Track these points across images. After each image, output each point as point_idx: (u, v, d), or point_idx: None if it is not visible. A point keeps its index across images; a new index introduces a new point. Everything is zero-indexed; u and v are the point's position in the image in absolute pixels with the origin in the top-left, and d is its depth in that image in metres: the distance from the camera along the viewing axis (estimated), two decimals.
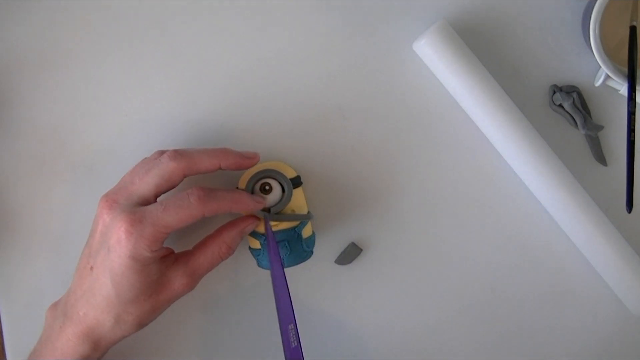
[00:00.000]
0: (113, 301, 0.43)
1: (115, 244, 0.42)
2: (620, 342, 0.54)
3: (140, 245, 0.41)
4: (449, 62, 0.49)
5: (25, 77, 0.51)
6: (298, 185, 0.49)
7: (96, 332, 0.44)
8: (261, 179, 0.48)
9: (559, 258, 0.53)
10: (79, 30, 0.51)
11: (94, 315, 0.44)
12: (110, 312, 0.44)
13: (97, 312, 0.44)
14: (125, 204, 0.43)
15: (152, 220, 0.42)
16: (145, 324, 0.45)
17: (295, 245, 0.48)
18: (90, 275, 0.44)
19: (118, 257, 0.42)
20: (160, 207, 0.42)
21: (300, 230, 0.48)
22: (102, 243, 0.43)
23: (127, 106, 0.52)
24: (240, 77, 0.52)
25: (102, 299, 0.43)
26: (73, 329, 0.44)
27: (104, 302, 0.43)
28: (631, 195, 0.48)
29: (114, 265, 0.42)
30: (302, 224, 0.48)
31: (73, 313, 0.45)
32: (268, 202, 0.47)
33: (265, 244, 0.47)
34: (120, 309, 0.44)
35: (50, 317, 0.47)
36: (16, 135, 0.52)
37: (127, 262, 0.42)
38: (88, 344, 0.44)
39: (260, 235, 0.47)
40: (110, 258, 0.42)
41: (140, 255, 0.42)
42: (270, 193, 0.47)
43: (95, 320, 0.44)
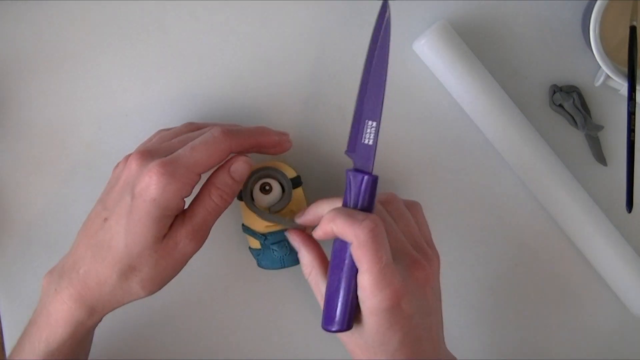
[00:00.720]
0: (121, 252, 0.41)
1: (142, 189, 0.40)
2: (620, 342, 0.54)
3: (170, 189, 0.40)
4: (449, 62, 0.49)
5: (25, 77, 0.51)
6: (298, 185, 0.49)
7: (95, 293, 0.42)
8: (261, 179, 0.48)
9: (559, 258, 0.53)
10: (79, 30, 0.51)
11: (96, 272, 0.41)
12: (114, 265, 0.41)
13: (100, 266, 0.41)
14: (158, 156, 0.41)
15: (184, 162, 0.41)
16: (149, 291, 0.43)
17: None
18: (101, 228, 0.42)
19: (143, 201, 0.40)
20: (187, 148, 0.41)
21: None
22: (123, 192, 0.41)
23: (127, 106, 0.52)
24: (240, 77, 0.52)
25: (109, 251, 0.41)
26: (69, 291, 0.42)
27: (110, 254, 0.41)
28: (631, 195, 0.48)
29: (133, 210, 0.40)
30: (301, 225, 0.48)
31: (72, 272, 0.42)
32: (267, 202, 0.47)
33: (265, 244, 0.47)
34: (126, 264, 0.41)
35: (46, 283, 0.44)
36: (16, 136, 0.52)
37: (148, 206, 0.40)
38: (85, 307, 0.42)
39: (260, 235, 0.47)
40: (133, 204, 0.40)
41: (167, 200, 0.40)
42: (270, 193, 0.47)
43: (97, 278, 0.41)
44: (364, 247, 0.38)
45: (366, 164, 0.42)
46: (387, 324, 0.39)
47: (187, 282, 0.51)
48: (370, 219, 0.39)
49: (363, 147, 0.42)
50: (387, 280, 0.38)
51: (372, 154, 0.42)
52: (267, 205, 0.47)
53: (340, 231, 0.39)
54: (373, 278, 0.38)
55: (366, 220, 0.38)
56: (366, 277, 0.38)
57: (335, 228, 0.40)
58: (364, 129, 0.42)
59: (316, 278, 0.44)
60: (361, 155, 0.42)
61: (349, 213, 0.40)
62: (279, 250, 0.47)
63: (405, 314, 0.39)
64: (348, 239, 0.39)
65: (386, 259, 0.38)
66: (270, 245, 0.47)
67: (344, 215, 0.39)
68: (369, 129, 0.42)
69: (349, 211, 0.40)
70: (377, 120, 0.41)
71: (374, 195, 0.41)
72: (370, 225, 0.38)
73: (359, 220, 0.39)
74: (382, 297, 0.38)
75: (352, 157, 0.42)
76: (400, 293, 0.38)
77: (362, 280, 0.39)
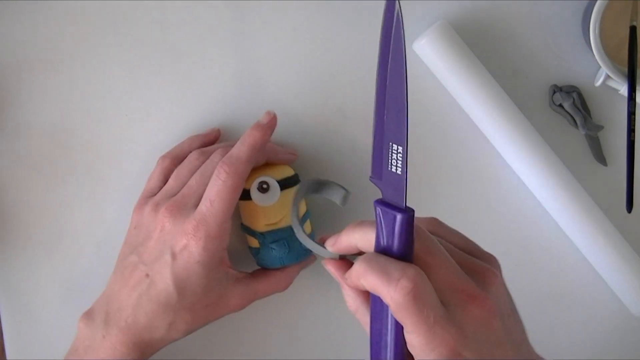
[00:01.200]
0: (173, 307, 0.43)
1: (183, 250, 0.43)
2: (620, 342, 0.54)
3: (210, 247, 0.42)
4: (449, 62, 0.49)
5: (25, 77, 0.51)
6: (296, 183, 0.49)
7: (146, 339, 0.44)
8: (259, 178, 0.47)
9: (559, 258, 0.53)
10: (79, 30, 0.51)
11: (147, 322, 0.43)
12: (165, 318, 0.43)
13: (150, 319, 0.43)
14: (185, 209, 0.44)
15: (211, 219, 0.42)
16: (191, 332, 0.45)
17: (294, 243, 0.48)
18: (143, 281, 0.44)
19: (186, 262, 0.42)
20: (206, 203, 0.43)
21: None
22: (163, 250, 0.43)
23: (127, 106, 0.52)
24: (241, 77, 0.52)
25: (160, 306, 0.43)
26: (120, 338, 0.44)
27: (161, 309, 0.43)
28: (631, 195, 0.48)
29: (178, 270, 0.43)
30: (302, 221, 0.48)
31: (119, 320, 0.44)
32: (264, 201, 0.47)
33: (264, 243, 0.47)
34: (177, 316, 0.43)
35: (85, 327, 0.45)
36: (16, 136, 0.52)
37: (193, 267, 0.42)
38: (136, 351, 0.44)
39: (259, 234, 0.47)
40: (177, 264, 0.43)
41: (210, 258, 0.43)
42: (267, 192, 0.47)
43: (148, 327, 0.44)
44: (404, 310, 0.33)
45: (397, 196, 0.35)
46: None
47: None
48: (408, 277, 0.33)
49: (391, 175, 0.35)
50: (438, 339, 0.33)
51: (403, 185, 0.34)
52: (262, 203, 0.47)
53: (374, 289, 0.34)
54: (421, 338, 0.33)
55: (403, 279, 0.33)
56: (413, 337, 0.33)
57: (367, 285, 0.34)
58: (389, 154, 0.35)
59: (364, 317, 0.38)
60: (390, 185, 0.35)
61: (381, 267, 0.34)
62: (278, 249, 0.47)
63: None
64: (384, 300, 0.34)
65: (434, 316, 0.33)
66: (270, 245, 0.47)
67: (376, 271, 0.34)
68: (394, 154, 0.35)
69: (381, 264, 0.34)
70: (404, 145, 0.34)
71: (412, 235, 0.34)
72: (408, 287, 0.32)
73: (394, 279, 0.33)
74: (437, 354, 0.33)
75: (379, 185, 0.36)
76: (457, 346, 0.33)
77: (410, 339, 0.34)
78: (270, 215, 0.47)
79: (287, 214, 0.47)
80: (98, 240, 0.52)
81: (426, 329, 0.33)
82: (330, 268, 0.39)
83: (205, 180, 0.44)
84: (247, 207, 0.48)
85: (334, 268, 0.38)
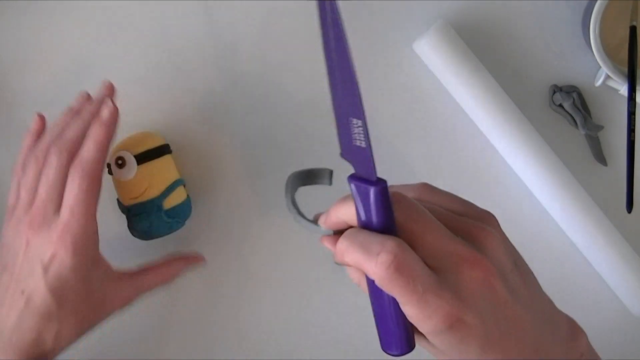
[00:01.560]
0: (55, 317, 0.42)
1: (51, 259, 0.42)
2: (620, 342, 0.54)
3: (80, 250, 0.42)
4: (449, 62, 0.49)
5: (25, 77, 0.51)
6: (163, 154, 0.49)
7: (37, 353, 0.43)
8: (117, 153, 0.47)
9: (559, 258, 0.53)
10: (79, 30, 0.51)
11: (33, 337, 0.43)
12: (51, 329, 0.43)
13: (36, 333, 0.43)
14: (45, 219, 0.43)
15: (75, 224, 0.42)
16: (84, 334, 0.45)
17: (157, 217, 0.48)
18: (20, 299, 0.43)
19: (58, 271, 0.42)
20: (67, 210, 0.42)
21: (161, 201, 0.48)
22: (32, 264, 0.43)
23: (127, 106, 0.52)
24: (241, 78, 0.52)
25: (42, 318, 0.42)
26: (11, 357, 0.42)
27: (44, 321, 0.42)
28: (631, 195, 0.48)
29: (53, 281, 0.42)
30: (164, 194, 0.48)
31: (5, 341, 0.43)
32: (122, 175, 0.47)
33: (129, 216, 0.48)
34: (62, 324, 0.43)
35: None
36: (16, 135, 0.52)
37: (68, 274, 0.42)
38: None
39: (124, 208, 0.48)
40: (49, 275, 0.42)
41: (84, 260, 0.42)
42: (124, 167, 0.47)
43: (36, 341, 0.43)
44: (389, 284, 0.32)
45: (367, 170, 0.34)
46: (455, 340, 0.33)
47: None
48: (387, 250, 0.32)
49: (357, 150, 0.34)
50: (432, 307, 0.32)
51: (369, 157, 0.34)
52: (121, 178, 0.47)
53: (358, 266, 0.33)
54: (415, 309, 0.32)
55: (382, 253, 0.32)
56: (407, 308, 0.33)
57: (350, 262, 0.34)
58: (351, 129, 0.35)
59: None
60: (358, 160, 0.35)
61: (361, 243, 0.33)
62: (142, 222, 0.48)
63: (472, 325, 0.33)
64: (369, 276, 0.33)
65: (422, 285, 0.32)
66: (133, 218, 0.48)
67: (356, 247, 0.33)
68: (356, 129, 0.34)
69: (360, 239, 0.33)
70: (362, 118, 0.34)
71: (388, 205, 0.34)
72: (388, 260, 0.32)
73: (374, 253, 0.32)
74: (435, 322, 0.32)
75: (349, 160, 0.36)
76: (454, 311, 0.32)
77: (405, 310, 0.33)
78: (132, 189, 0.48)
79: (150, 187, 0.48)
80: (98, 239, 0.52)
81: (417, 299, 0.32)
82: (326, 244, 0.37)
83: (53, 185, 0.43)
84: (114, 181, 0.48)
85: (329, 244, 0.37)
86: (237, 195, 0.52)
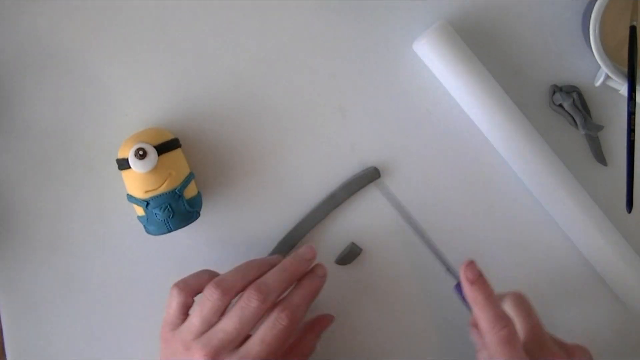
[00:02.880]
0: None
1: None
2: (620, 342, 0.54)
3: None
4: (449, 62, 0.49)
5: (25, 77, 0.51)
6: (176, 147, 0.49)
7: None
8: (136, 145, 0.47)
9: (559, 258, 0.53)
10: (79, 30, 0.51)
11: None
12: None
13: None
14: (225, 354, 0.44)
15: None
16: None
17: (178, 206, 0.48)
18: None
19: None
20: (261, 345, 0.44)
21: (181, 191, 0.48)
22: None
23: (127, 106, 0.52)
24: (241, 78, 0.52)
25: None
26: None
27: None
28: (631, 195, 0.48)
29: None
30: (183, 185, 0.48)
31: None
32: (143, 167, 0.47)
33: (148, 209, 0.48)
34: None
35: None
36: (16, 135, 0.52)
37: None
38: None
39: (142, 201, 0.48)
40: None
41: None
42: (145, 158, 0.47)
43: None
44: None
45: None
46: None
47: None
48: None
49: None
50: None
51: None
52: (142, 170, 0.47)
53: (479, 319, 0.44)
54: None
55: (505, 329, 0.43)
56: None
57: (477, 313, 0.44)
58: None
59: None
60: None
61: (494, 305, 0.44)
62: (162, 214, 0.48)
63: None
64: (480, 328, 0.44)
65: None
66: (152, 210, 0.48)
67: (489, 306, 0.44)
68: None
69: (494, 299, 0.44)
70: None
71: None
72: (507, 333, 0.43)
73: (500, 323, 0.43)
74: None
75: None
76: None
77: None
78: (151, 181, 0.47)
79: (171, 177, 0.48)
80: (98, 240, 0.53)
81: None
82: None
83: (246, 324, 0.44)
84: (129, 176, 0.48)
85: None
86: (244, 190, 0.52)
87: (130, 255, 0.53)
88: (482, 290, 0.44)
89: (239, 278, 0.46)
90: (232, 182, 0.52)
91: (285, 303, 0.45)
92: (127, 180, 0.49)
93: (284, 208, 0.53)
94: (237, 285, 0.46)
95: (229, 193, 0.53)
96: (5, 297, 0.52)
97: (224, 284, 0.45)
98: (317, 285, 0.48)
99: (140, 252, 0.53)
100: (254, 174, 0.52)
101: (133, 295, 0.53)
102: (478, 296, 0.44)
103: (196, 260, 0.53)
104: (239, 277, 0.46)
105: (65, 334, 0.53)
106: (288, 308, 0.45)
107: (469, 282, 0.45)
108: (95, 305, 0.53)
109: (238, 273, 0.46)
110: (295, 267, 0.47)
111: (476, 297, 0.44)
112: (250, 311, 0.44)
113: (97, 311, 0.53)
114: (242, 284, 0.46)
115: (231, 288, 0.45)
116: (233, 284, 0.46)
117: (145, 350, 0.53)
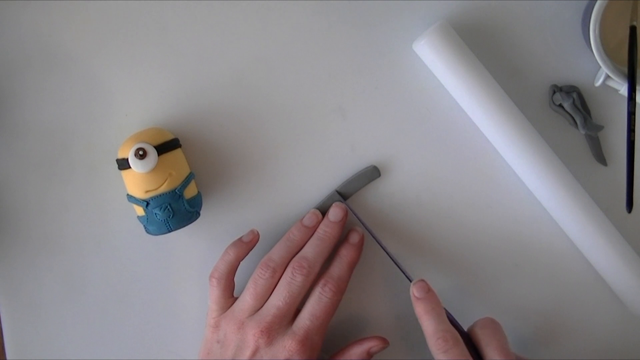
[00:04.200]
0: None
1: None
2: (620, 342, 0.54)
3: (313, 356, 0.47)
4: (449, 62, 0.49)
5: (25, 77, 0.51)
6: (176, 147, 0.49)
7: None
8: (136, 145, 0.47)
9: (559, 258, 0.53)
10: (79, 30, 0.51)
11: None
12: None
13: None
14: (281, 327, 0.47)
15: (315, 333, 0.47)
16: None
17: (178, 206, 0.48)
18: None
19: None
20: (311, 319, 0.47)
21: (181, 191, 0.48)
22: None
23: (127, 106, 0.52)
24: (241, 77, 0.52)
25: None
26: None
27: None
28: (631, 195, 0.48)
29: None
30: (183, 185, 0.49)
31: None
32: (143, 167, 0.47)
33: (148, 209, 0.48)
34: None
35: None
36: (16, 135, 0.52)
37: None
38: None
39: (142, 201, 0.48)
40: None
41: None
42: (145, 158, 0.47)
43: None
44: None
45: None
46: None
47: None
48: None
49: None
50: None
51: None
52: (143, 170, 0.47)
53: (422, 323, 0.48)
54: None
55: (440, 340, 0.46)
56: None
57: (420, 318, 0.48)
58: None
59: None
60: None
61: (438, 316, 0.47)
62: (162, 213, 0.48)
63: None
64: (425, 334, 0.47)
65: None
66: (153, 210, 0.48)
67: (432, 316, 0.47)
68: None
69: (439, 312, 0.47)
70: None
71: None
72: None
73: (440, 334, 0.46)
74: None
75: None
76: None
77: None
78: (151, 181, 0.48)
79: (171, 177, 0.48)
80: (98, 240, 0.53)
81: None
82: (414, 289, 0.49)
83: (296, 299, 0.48)
84: (129, 176, 0.48)
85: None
86: (244, 190, 0.53)
87: (130, 255, 0.53)
88: (425, 303, 0.47)
89: (284, 253, 0.49)
90: (232, 182, 0.52)
91: (326, 277, 0.49)
92: (127, 180, 0.49)
93: (284, 208, 0.53)
94: (285, 261, 0.49)
95: (229, 193, 0.53)
96: (5, 297, 0.53)
97: (273, 263, 0.49)
98: (353, 255, 0.50)
99: (140, 252, 0.53)
100: (254, 174, 0.52)
101: (133, 295, 0.53)
102: (421, 310, 0.47)
103: (196, 260, 0.53)
104: (284, 253, 0.49)
105: (65, 333, 0.53)
106: (330, 282, 0.48)
107: (415, 297, 0.48)
108: (95, 305, 0.53)
109: (282, 249, 0.50)
110: (329, 235, 0.50)
111: (419, 311, 0.47)
112: (297, 285, 0.48)
113: (97, 311, 0.53)
114: (289, 257, 0.49)
115: (281, 265, 0.49)
116: (281, 260, 0.49)
117: (145, 350, 0.53)
